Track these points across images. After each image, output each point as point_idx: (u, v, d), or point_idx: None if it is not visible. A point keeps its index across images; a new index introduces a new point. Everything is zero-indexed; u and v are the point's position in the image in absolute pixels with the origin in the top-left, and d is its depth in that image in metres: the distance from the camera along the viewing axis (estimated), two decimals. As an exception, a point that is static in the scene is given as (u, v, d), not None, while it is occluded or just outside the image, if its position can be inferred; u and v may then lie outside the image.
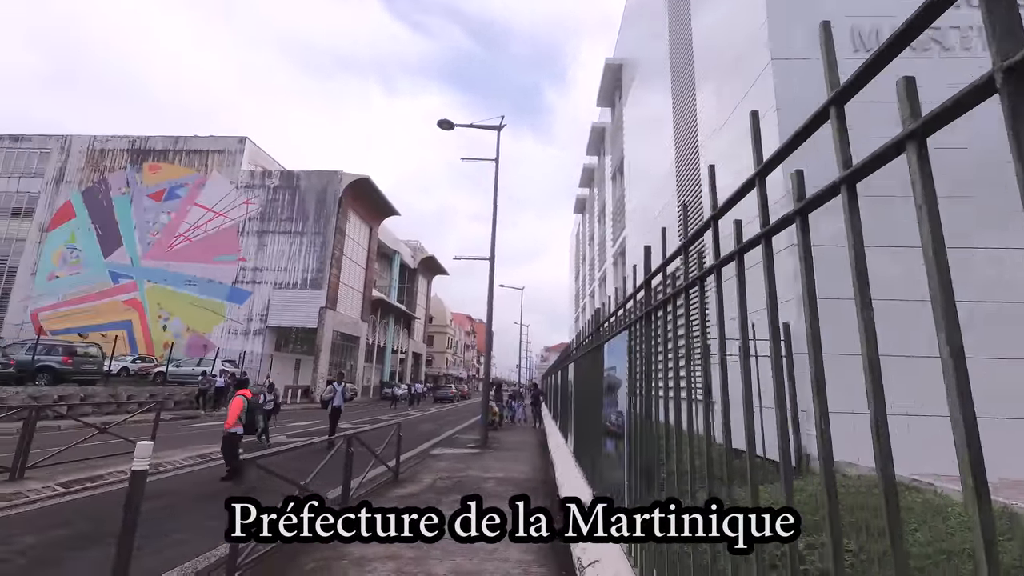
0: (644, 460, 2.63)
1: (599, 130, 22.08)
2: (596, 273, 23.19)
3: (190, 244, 34.55)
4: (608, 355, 4.08)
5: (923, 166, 0.72)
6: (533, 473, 8.49)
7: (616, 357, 3.60)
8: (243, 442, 7.37)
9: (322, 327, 32.74)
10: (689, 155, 10.20)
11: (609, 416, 3.69)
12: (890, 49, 0.76)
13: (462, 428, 17.51)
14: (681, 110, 10.99)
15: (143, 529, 5.08)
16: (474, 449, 11.30)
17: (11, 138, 38.33)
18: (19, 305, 34.57)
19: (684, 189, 10.37)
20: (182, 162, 36.23)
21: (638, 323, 2.95)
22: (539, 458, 10.27)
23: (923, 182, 0.71)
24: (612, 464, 3.47)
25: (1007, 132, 0.55)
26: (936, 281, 0.67)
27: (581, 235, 32.30)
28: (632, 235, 15.06)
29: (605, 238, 20.58)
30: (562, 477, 6.05)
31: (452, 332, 79.50)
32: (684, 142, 10.63)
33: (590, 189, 28.11)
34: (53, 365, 16.17)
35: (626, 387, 3.17)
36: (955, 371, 0.62)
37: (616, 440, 3.34)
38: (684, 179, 10.45)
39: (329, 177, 35.21)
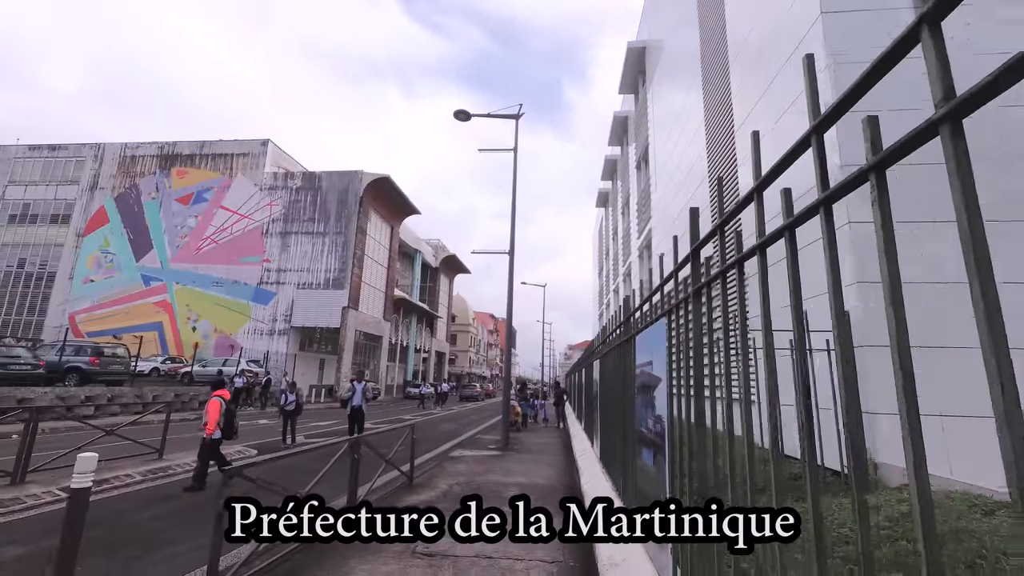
0: (695, 478, 2.05)
1: (621, 119, 21.28)
2: (620, 268, 22.41)
3: (216, 246, 35.16)
4: (640, 349, 3.49)
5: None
6: (557, 478, 7.93)
7: (651, 350, 3.03)
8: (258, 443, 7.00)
9: (344, 327, 32.82)
10: (723, 131, 9.45)
11: (645, 421, 3.11)
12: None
13: (484, 428, 17.06)
14: (714, 84, 10.22)
15: (141, 540, 4.77)
16: (495, 451, 10.80)
17: (49, 147, 39.78)
18: (58, 308, 35.82)
19: (719, 168, 9.62)
20: (208, 166, 36.91)
21: (681, 306, 2.36)
22: (563, 462, 9.69)
23: None
24: (649, 479, 2.89)
25: None
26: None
27: (604, 230, 31.47)
28: (658, 226, 14.30)
29: (630, 231, 19.80)
30: (588, 485, 5.47)
31: (475, 331, 79.41)
32: (717, 117, 9.87)
33: (613, 182, 27.28)
34: (81, 366, 16.41)
35: (665, 386, 2.60)
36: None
37: (654, 451, 2.76)
38: (718, 158, 9.70)
39: (350, 177, 35.31)
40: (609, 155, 25.93)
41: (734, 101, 8.90)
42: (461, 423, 19.01)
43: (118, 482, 6.48)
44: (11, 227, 38.49)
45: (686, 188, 11.90)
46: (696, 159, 10.94)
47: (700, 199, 10.43)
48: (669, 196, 13.17)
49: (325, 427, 15.79)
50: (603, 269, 32.12)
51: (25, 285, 37.18)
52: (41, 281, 37.00)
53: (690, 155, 11.48)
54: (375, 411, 24.33)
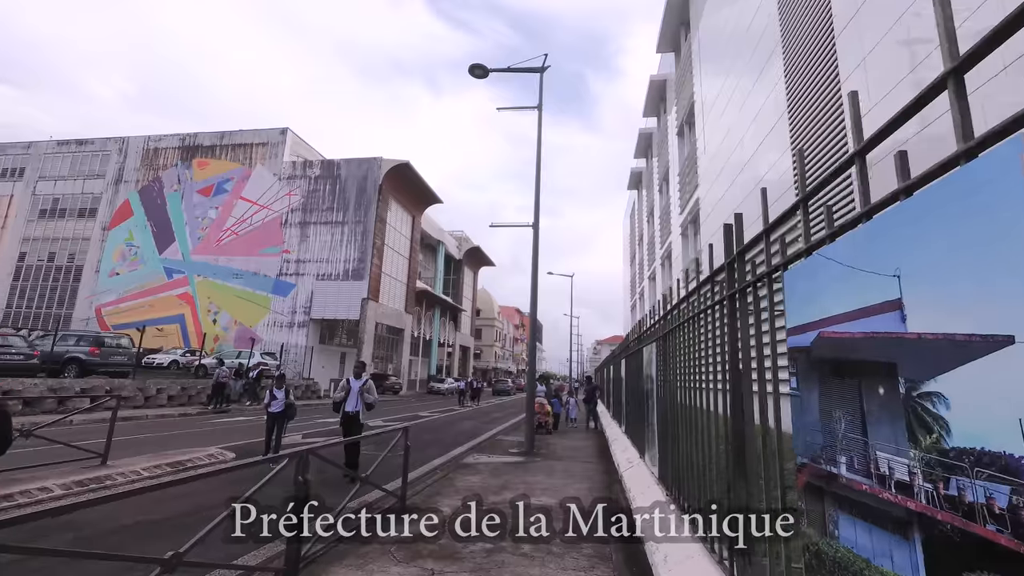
0: None
1: (659, 85, 19.07)
2: (658, 251, 20.26)
3: (236, 238, 34.57)
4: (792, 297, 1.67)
5: None
6: (594, 495, 6.14)
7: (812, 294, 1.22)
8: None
9: (364, 319, 31.68)
10: (813, 82, 7.37)
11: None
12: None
13: (507, 427, 15.34)
14: (796, 21, 8.12)
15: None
16: (517, 457, 9.05)
17: (77, 142, 40.11)
18: (85, 302, 36.00)
19: (804, 131, 7.55)
20: (228, 156, 36.36)
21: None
22: (600, 471, 7.86)
23: None
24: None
25: None
26: None
27: (636, 213, 29.22)
28: (711, 192, 12.20)
29: (669, 208, 17.66)
30: (650, 526, 3.63)
31: (500, 325, 77.91)
32: (803, 63, 7.78)
33: (647, 159, 25.00)
34: (80, 356, 15.50)
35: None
36: None
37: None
38: (803, 116, 7.63)
39: (369, 164, 34.10)
40: (643, 129, 23.67)
41: (836, 31, 6.83)
42: (482, 420, 17.36)
43: (25, 499, 5.01)
44: (41, 221, 38.98)
45: (747, 148, 9.81)
46: (768, 115, 8.84)
47: (777, 165, 8.36)
48: (727, 154, 11.06)
49: (333, 423, 14.38)
50: (636, 256, 29.89)
51: (55, 279, 37.57)
52: (70, 274, 37.30)
53: (759, 108, 9.38)
54: (393, 407, 22.97)
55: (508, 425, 15.90)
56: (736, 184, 10.35)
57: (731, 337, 2.42)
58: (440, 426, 15.07)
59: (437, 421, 16.65)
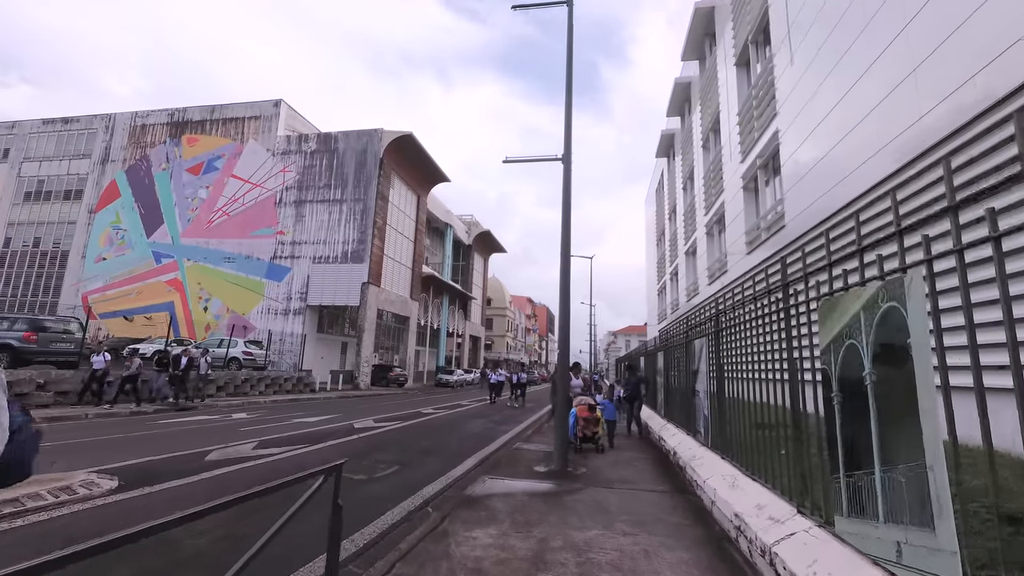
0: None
1: (705, 12, 15.68)
2: (701, 217, 17.11)
3: (227, 219, 32.01)
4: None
5: None
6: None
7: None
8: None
9: (364, 305, 28.98)
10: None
11: None
12: None
13: (525, 429, 12.48)
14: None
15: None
16: (547, 481, 6.16)
17: (63, 120, 37.80)
18: (71, 289, 33.80)
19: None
20: (219, 131, 33.73)
21: None
22: (683, 510, 4.93)
23: None
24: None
25: None
26: None
27: (668, 183, 25.95)
28: (795, 125, 9.10)
29: (721, 159, 14.51)
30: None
31: (512, 315, 75.09)
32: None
33: (684, 115, 21.67)
34: (12, 343, 12.93)
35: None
36: None
37: None
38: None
39: (369, 136, 31.22)
40: (680, 79, 20.25)
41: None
42: (494, 419, 14.52)
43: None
44: (27, 205, 36.86)
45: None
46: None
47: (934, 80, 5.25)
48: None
49: (313, 422, 11.64)
50: (666, 233, 26.69)
51: (40, 265, 35.47)
52: (55, 260, 35.15)
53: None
54: (393, 402, 20.25)
55: (526, 426, 13.04)
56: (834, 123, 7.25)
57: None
58: (443, 427, 12.26)
59: (440, 420, 13.85)
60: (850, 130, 7.96)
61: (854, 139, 7.85)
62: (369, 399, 21.57)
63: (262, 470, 6.44)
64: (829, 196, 8.33)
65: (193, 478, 5.83)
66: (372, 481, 6.01)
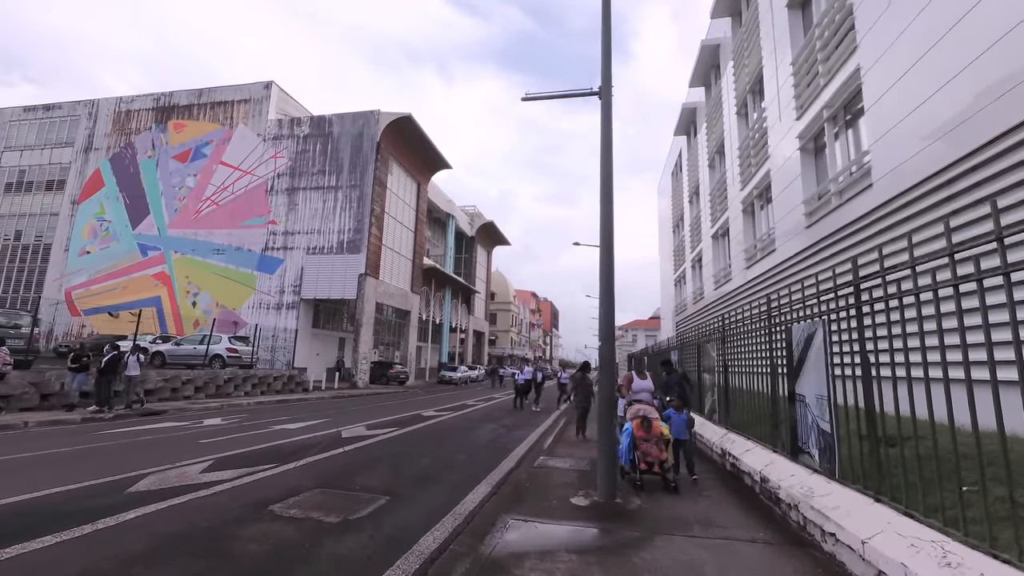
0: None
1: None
2: (736, 193, 15.21)
3: (216, 208, 30.20)
4: None
5: None
6: None
7: None
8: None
9: (362, 298, 27.18)
10: None
11: None
12: None
13: (544, 433, 10.65)
14: None
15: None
16: (594, 526, 4.35)
17: (44, 108, 36.02)
18: (54, 284, 32.09)
19: None
20: (207, 116, 31.89)
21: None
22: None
23: None
24: None
25: None
26: None
27: (688, 163, 23.98)
28: (887, 56, 7.20)
29: (764, 122, 12.60)
30: None
31: (516, 310, 73.23)
32: None
33: (712, 82, 19.65)
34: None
35: None
36: None
37: None
38: None
39: (365, 119, 29.32)
40: (707, 41, 18.21)
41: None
42: (505, 423, 12.71)
43: None
44: (7, 196, 35.13)
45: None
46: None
47: None
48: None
49: (294, 430, 9.84)
50: (685, 219, 24.78)
51: (22, 259, 33.77)
52: (37, 254, 33.45)
53: None
54: (392, 402, 18.46)
55: (543, 430, 11.22)
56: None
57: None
58: (447, 434, 10.45)
59: (444, 425, 12.06)
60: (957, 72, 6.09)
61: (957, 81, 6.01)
62: (366, 399, 19.79)
63: (196, 509, 4.64)
64: (946, 140, 6.45)
65: (83, 529, 3.99)
66: (347, 528, 4.20)
